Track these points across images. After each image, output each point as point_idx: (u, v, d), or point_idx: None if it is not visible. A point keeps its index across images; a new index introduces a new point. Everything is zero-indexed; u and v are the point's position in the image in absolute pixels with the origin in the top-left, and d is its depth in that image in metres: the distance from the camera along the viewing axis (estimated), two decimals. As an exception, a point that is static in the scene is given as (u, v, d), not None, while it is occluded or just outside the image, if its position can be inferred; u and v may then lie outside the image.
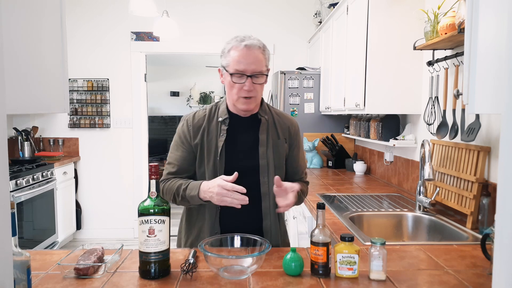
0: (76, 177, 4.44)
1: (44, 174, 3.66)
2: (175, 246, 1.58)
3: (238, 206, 1.30)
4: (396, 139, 2.52)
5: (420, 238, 1.95)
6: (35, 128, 4.29)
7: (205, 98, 7.80)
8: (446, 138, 2.01)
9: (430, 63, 2.12)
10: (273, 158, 1.49)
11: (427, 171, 1.82)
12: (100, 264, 1.19)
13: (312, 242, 1.16)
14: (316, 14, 4.17)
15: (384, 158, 2.91)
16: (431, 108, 2.11)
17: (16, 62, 0.77)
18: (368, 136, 2.92)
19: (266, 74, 1.44)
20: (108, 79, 4.39)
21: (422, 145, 1.91)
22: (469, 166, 1.80)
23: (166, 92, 7.91)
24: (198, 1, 4.36)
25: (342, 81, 2.97)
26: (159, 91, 7.81)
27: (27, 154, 4.10)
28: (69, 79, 4.27)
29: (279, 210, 1.40)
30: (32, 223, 3.48)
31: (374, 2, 2.38)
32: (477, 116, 1.74)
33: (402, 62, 2.38)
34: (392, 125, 2.69)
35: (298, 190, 1.42)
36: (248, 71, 1.38)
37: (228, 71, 1.41)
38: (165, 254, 1.17)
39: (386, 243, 1.21)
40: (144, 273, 1.16)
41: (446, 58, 1.97)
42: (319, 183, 2.82)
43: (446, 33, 1.77)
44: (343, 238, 1.16)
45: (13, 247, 0.90)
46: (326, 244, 1.15)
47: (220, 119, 1.48)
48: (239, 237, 1.33)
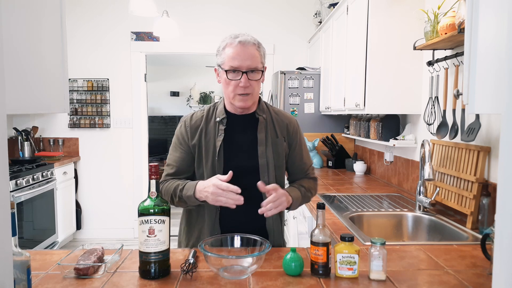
0: (76, 177, 4.44)
1: (44, 174, 3.66)
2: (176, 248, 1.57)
3: (233, 206, 1.29)
4: (396, 139, 2.52)
5: (420, 238, 1.95)
6: (35, 128, 4.29)
7: (205, 98, 7.80)
8: (446, 138, 2.01)
9: (430, 63, 2.12)
10: (273, 157, 1.48)
11: (427, 171, 1.82)
12: (100, 264, 1.19)
13: (312, 242, 1.16)
14: (316, 14, 4.17)
15: (384, 158, 2.91)
16: (431, 108, 2.11)
17: (16, 62, 0.77)
18: (368, 136, 2.92)
19: (262, 71, 1.43)
20: (108, 79, 4.39)
21: (422, 145, 1.91)
22: (469, 166, 1.80)
23: (166, 92, 7.91)
24: (198, 1, 4.36)
25: (342, 81, 2.97)
26: (159, 91, 7.81)
27: (27, 154, 4.10)
28: (69, 79, 4.27)
29: (262, 211, 1.32)
30: (32, 223, 3.48)
31: (374, 2, 2.38)
32: (477, 116, 1.74)
33: (402, 62, 2.38)
34: (392, 125, 2.69)
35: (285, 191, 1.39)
36: (243, 67, 1.37)
37: (223, 68, 1.41)
38: (165, 254, 1.17)
39: (386, 243, 1.21)
40: (144, 273, 1.16)
41: (446, 58, 1.97)
42: (319, 183, 2.82)
43: (446, 33, 1.77)
44: (343, 238, 1.16)
45: (13, 247, 0.90)
46: (326, 244, 1.15)
47: (218, 119, 1.48)
48: (239, 237, 1.33)
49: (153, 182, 1.17)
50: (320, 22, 3.96)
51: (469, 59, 0.81)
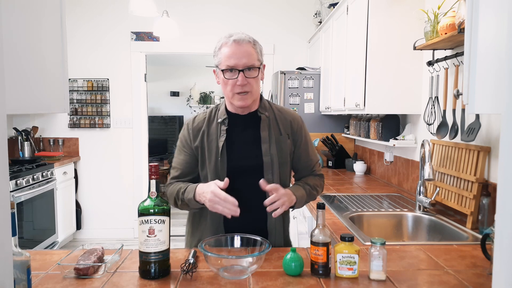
0: (76, 177, 4.44)
1: (44, 174, 3.66)
2: (184, 247, 1.56)
3: (229, 216, 1.29)
4: (396, 139, 2.52)
5: (420, 238, 1.95)
6: (35, 128, 4.29)
7: (205, 98, 7.80)
8: (446, 138, 2.01)
9: (430, 63, 2.12)
10: (277, 155, 1.46)
11: (427, 171, 1.82)
12: (100, 264, 1.19)
13: (312, 242, 1.16)
14: (316, 14, 4.17)
15: (384, 158, 2.91)
16: (431, 108, 2.11)
17: (16, 62, 0.77)
18: (368, 136, 2.92)
19: (259, 67, 1.42)
20: (108, 79, 4.39)
21: (422, 145, 1.91)
22: (469, 166, 1.80)
23: (166, 92, 7.91)
24: (198, 1, 4.36)
25: (342, 81, 2.97)
26: (159, 91, 7.81)
27: (27, 154, 4.10)
28: (69, 79, 4.27)
29: (269, 209, 1.33)
30: (32, 223, 3.48)
31: (374, 2, 2.38)
32: (477, 116, 1.74)
33: (402, 62, 2.38)
34: (392, 125, 2.69)
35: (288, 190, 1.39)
36: (240, 65, 1.37)
37: (220, 68, 1.40)
38: (165, 254, 1.17)
39: (386, 243, 1.21)
40: (144, 273, 1.16)
41: (446, 58, 1.97)
42: (319, 183, 2.82)
43: (446, 33, 1.77)
44: (343, 238, 1.16)
45: (13, 247, 0.90)
46: (326, 244, 1.15)
47: (220, 120, 1.47)
48: (239, 237, 1.33)
49: (153, 182, 1.17)
50: (320, 22, 3.96)
51: (469, 59, 0.81)
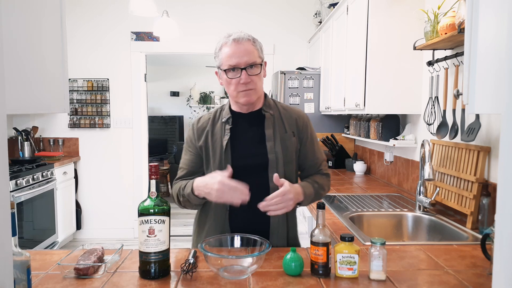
0: (76, 177, 4.44)
1: (44, 174, 3.66)
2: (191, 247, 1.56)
3: (237, 204, 1.29)
4: (396, 139, 2.52)
5: (420, 238, 1.95)
6: (35, 128, 4.29)
7: (205, 98, 7.80)
8: (446, 138, 2.01)
9: (430, 63, 2.12)
10: (282, 153, 1.45)
11: (427, 171, 1.82)
12: (100, 264, 1.19)
13: (312, 242, 1.16)
14: (316, 14, 4.17)
15: (384, 158, 2.91)
16: (431, 108, 2.11)
17: (16, 62, 0.77)
18: (368, 136, 2.92)
19: (261, 64, 1.41)
20: (108, 79, 4.39)
21: (422, 145, 1.91)
22: (469, 166, 1.80)
23: (166, 92, 7.92)
24: (198, 1, 4.36)
25: (342, 81, 2.97)
26: (159, 91, 7.81)
27: (27, 154, 4.10)
28: (69, 79, 4.27)
29: (262, 205, 1.29)
30: (32, 223, 3.48)
31: (374, 2, 2.38)
32: (477, 116, 1.74)
33: (402, 62, 2.38)
34: (392, 125, 2.69)
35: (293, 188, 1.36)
36: (242, 64, 1.36)
37: (222, 69, 1.40)
38: (165, 254, 1.17)
39: (386, 243, 1.21)
40: (144, 273, 1.16)
41: (446, 58, 1.97)
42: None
43: (446, 33, 1.77)
44: (343, 238, 1.16)
45: (13, 247, 0.90)
46: (326, 244, 1.15)
47: (224, 120, 1.48)
48: (239, 237, 1.33)
49: (153, 182, 1.17)
50: (320, 22, 3.96)
51: (469, 59, 0.81)
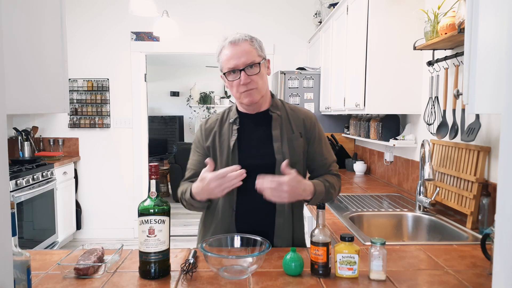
0: (76, 177, 4.44)
1: (44, 174, 3.66)
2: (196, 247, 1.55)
3: (239, 184, 1.28)
4: (396, 139, 2.52)
5: (420, 238, 1.95)
6: (35, 128, 4.29)
7: (205, 98, 7.80)
8: (446, 138, 2.01)
9: (430, 63, 2.12)
10: (289, 153, 1.44)
11: (427, 171, 1.82)
12: (100, 264, 1.19)
13: (312, 242, 1.16)
14: (316, 14, 4.17)
15: (384, 158, 2.91)
16: (431, 108, 2.11)
17: (16, 62, 0.77)
18: (368, 136, 2.92)
19: (260, 63, 1.40)
20: (108, 79, 4.39)
21: (422, 145, 1.91)
22: (469, 166, 1.80)
23: (166, 92, 7.92)
24: (198, 1, 4.36)
25: (342, 81, 2.97)
26: (159, 91, 7.82)
27: (27, 154, 4.10)
28: (69, 79, 4.27)
29: (259, 184, 1.28)
30: (32, 223, 3.48)
31: (374, 2, 2.38)
32: (477, 116, 1.74)
33: (402, 62, 2.38)
34: (392, 125, 2.69)
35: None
36: (240, 65, 1.36)
37: (223, 72, 1.42)
38: (165, 254, 1.17)
39: (386, 243, 1.21)
40: (144, 273, 1.16)
41: (446, 58, 1.97)
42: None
43: (446, 33, 1.77)
44: (343, 238, 1.16)
45: (13, 247, 0.90)
46: (326, 244, 1.15)
47: (231, 120, 1.48)
48: (239, 237, 1.33)
49: (153, 182, 1.17)
50: (320, 22, 3.96)
51: (469, 59, 0.81)
